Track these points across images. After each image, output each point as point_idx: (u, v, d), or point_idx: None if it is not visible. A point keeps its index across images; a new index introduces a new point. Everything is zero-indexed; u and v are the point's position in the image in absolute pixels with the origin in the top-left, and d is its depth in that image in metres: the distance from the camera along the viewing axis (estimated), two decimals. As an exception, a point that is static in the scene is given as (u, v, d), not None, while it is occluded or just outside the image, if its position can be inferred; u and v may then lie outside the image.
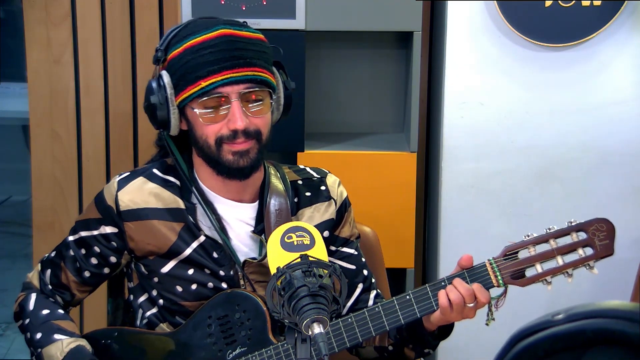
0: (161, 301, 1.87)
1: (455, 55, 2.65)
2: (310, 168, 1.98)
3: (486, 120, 2.68)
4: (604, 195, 2.72)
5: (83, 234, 1.89)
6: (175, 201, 1.85)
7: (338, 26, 2.65)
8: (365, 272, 1.95)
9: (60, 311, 1.89)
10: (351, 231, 1.96)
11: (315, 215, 1.90)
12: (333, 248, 1.93)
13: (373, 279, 1.97)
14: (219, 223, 1.84)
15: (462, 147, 2.69)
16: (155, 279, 1.86)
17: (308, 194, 1.91)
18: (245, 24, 1.81)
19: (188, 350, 1.83)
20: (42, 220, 3.04)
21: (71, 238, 1.91)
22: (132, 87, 2.98)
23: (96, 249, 1.88)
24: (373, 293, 1.95)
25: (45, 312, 1.87)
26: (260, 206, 1.87)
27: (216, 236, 1.84)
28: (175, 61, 1.77)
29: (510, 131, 2.68)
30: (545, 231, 1.72)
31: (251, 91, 1.76)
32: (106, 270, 1.90)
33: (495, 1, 2.57)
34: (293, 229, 1.49)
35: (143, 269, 1.87)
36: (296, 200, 1.90)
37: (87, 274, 1.90)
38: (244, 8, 2.56)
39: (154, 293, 1.88)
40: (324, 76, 2.93)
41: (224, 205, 1.86)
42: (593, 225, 1.71)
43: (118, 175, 1.88)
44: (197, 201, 1.84)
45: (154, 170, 1.88)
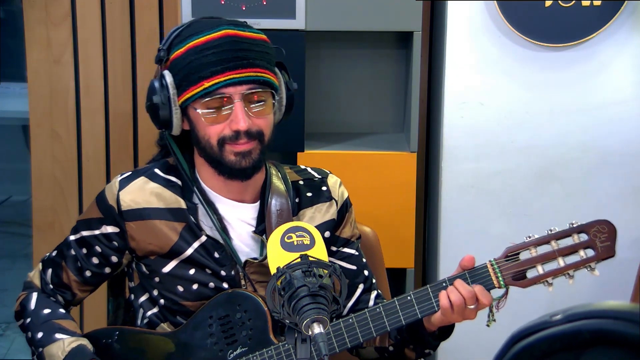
0: (162, 301, 1.87)
1: (455, 55, 2.65)
2: (311, 168, 1.98)
3: (486, 120, 2.67)
4: (604, 195, 2.72)
5: (84, 234, 1.89)
6: (176, 201, 1.85)
7: (338, 26, 2.65)
8: (366, 273, 1.95)
9: (61, 310, 1.89)
10: (352, 232, 1.96)
11: (316, 215, 1.90)
12: (334, 248, 1.93)
13: (374, 280, 1.97)
14: (221, 223, 1.84)
15: (462, 147, 2.69)
16: (156, 279, 1.86)
17: (309, 195, 1.91)
18: (248, 25, 1.81)
19: (189, 350, 1.83)
20: (42, 220, 3.04)
21: (72, 237, 1.91)
22: (132, 87, 2.98)
23: (97, 249, 1.88)
24: (374, 293, 1.95)
25: (46, 312, 1.87)
26: (261, 206, 1.87)
27: (217, 236, 1.84)
28: (178, 61, 1.77)
29: (510, 131, 2.68)
30: (546, 232, 1.72)
31: (254, 92, 1.76)
32: (107, 269, 1.90)
33: (495, 1, 2.57)
34: (293, 229, 1.49)
35: (144, 269, 1.87)
36: (297, 200, 1.90)
37: (88, 274, 1.90)
38: (244, 8, 2.56)
39: (155, 293, 1.88)
40: (324, 76, 2.93)
41: (226, 205, 1.86)
42: (594, 226, 1.70)
43: (120, 174, 1.88)
44: (199, 201, 1.84)
45: (156, 170, 1.88)
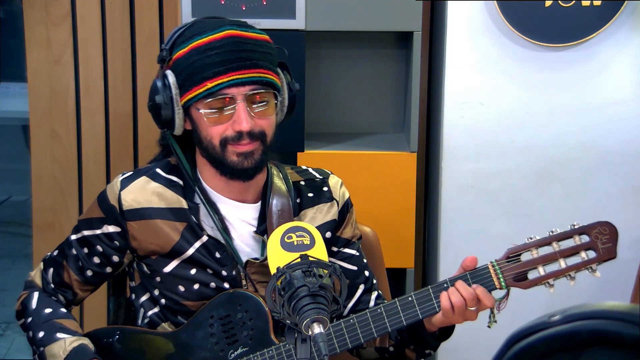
0: (163, 301, 1.87)
1: (455, 55, 2.65)
2: (312, 169, 1.97)
3: (486, 120, 2.67)
4: (604, 195, 2.72)
5: (86, 233, 1.89)
6: (178, 201, 1.85)
7: (338, 26, 2.65)
8: (366, 273, 1.95)
9: (62, 310, 1.89)
10: (353, 232, 1.96)
11: (317, 216, 1.90)
12: (335, 249, 1.93)
13: (374, 280, 1.97)
14: (222, 223, 1.84)
15: (462, 147, 2.69)
16: (157, 279, 1.86)
17: (310, 195, 1.91)
18: (251, 25, 1.81)
19: (190, 349, 1.83)
20: (42, 220, 3.04)
21: (74, 237, 1.91)
22: (132, 87, 2.98)
23: (99, 248, 1.88)
24: (374, 294, 1.95)
25: (47, 311, 1.87)
26: (262, 207, 1.86)
27: (219, 236, 1.83)
28: (180, 61, 1.76)
29: (510, 131, 2.68)
30: (547, 234, 1.72)
31: (256, 92, 1.76)
32: (108, 269, 1.90)
33: (495, 1, 2.57)
34: (293, 229, 1.49)
35: (145, 269, 1.87)
36: (298, 201, 1.90)
37: (90, 273, 1.90)
38: (244, 8, 2.56)
39: (156, 292, 1.88)
40: (324, 76, 2.93)
41: (227, 205, 1.86)
42: (596, 228, 1.70)
43: (121, 174, 1.88)
44: (200, 201, 1.84)
45: (157, 169, 1.88)
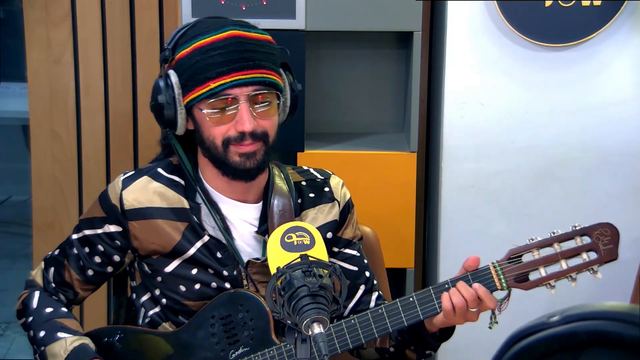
0: (164, 300, 1.87)
1: (455, 55, 2.65)
2: (313, 169, 1.97)
3: (486, 120, 2.67)
4: (604, 195, 2.72)
5: (87, 233, 1.88)
6: (179, 201, 1.85)
7: (338, 26, 2.65)
8: (367, 274, 1.95)
9: (63, 309, 1.89)
10: (354, 233, 1.96)
11: (318, 216, 1.90)
12: (336, 249, 1.93)
13: (375, 281, 1.97)
14: (223, 223, 1.84)
15: (462, 147, 2.69)
16: (158, 278, 1.86)
17: (312, 195, 1.91)
18: (253, 25, 1.81)
19: (190, 349, 1.83)
20: (42, 220, 3.04)
21: (75, 236, 1.91)
22: (132, 87, 2.98)
23: (100, 248, 1.88)
24: (375, 295, 1.95)
25: (48, 310, 1.87)
26: (264, 207, 1.87)
27: (220, 236, 1.83)
28: (183, 61, 1.76)
29: (510, 131, 2.68)
30: (549, 235, 1.72)
31: (259, 93, 1.76)
32: (109, 269, 1.90)
33: (495, 1, 2.57)
34: (293, 229, 1.49)
35: (146, 268, 1.87)
36: (300, 201, 1.90)
37: (91, 273, 1.90)
38: (244, 8, 2.56)
39: (157, 292, 1.88)
40: (324, 76, 2.93)
41: (228, 205, 1.86)
42: (597, 229, 1.70)
43: (123, 174, 1.88)
44: (202, 201, 1.84)
45: (159, 169, 1.88)
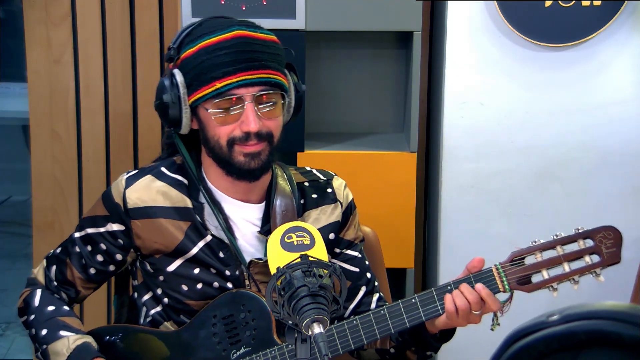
0: (166, 300, 1.87)
1: (455, 55, 2.65)
2: (316, 170, 1.97)
3: (486, 120, 2.67)
4: (604, 195, 2.72)
5: (89, 231, 1.88)
6: (182, 200, 1.85)
7: (338, 26, 2.65)
8: (368, 275, 1.95)
9: (65, 308, 1.89)
10: (356, 234, 1.96)
11: (321, 217, 1.90)
12: (337, 250, 1.93)
13: (376, 282, 1.97)
14: (226, 223, 1.84)
15: (462, 147, 2.69)
16: (160, 278, 1.86)
17: (314, 196, 1.91)
18: (259, 25, 1.81)
19: (192, 349, 1.83)
20: (42, 220, 3.04)
21: (77, 234, 1.90)
22: (132, 87, 2.98)
23: (102, 246, 1.87)
24: (376, 296, 1.95)
25: (50, 309, 1.87)
26: (266, 207, 1.86)
27: (223, 236, 1.83)
28: (189, 60, 1.76)
29: (510, 131, 2.68)
30: (552, 237, 1.72)
31: (264, 93, 1.76)
32: (111, 267, 1.90)
33: (495, 1, 2.57)
34: (293, 229, 1.49)
35: (149, 267, 1.87)
36: (302, 202, 1.90)
37: (93, 271, 1.90)
38: (244, 8, 2.56)
39: (159, 291, 1.88)
40: (324, 76, 2.93)
41: (231, 205, 1.86)
42: (600, 232, 1.70)
43: (126, 172, 1.88)
44: (205, 200, 1.84)
45: (162, 168, 1.88)
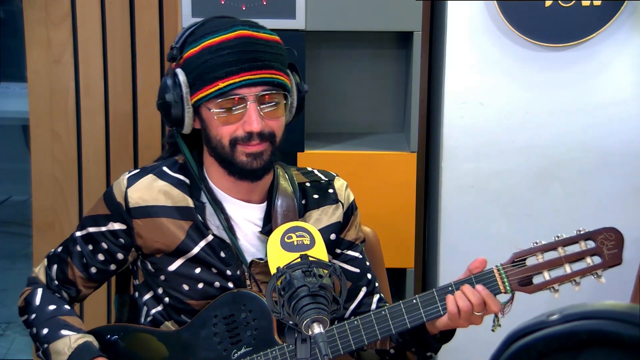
0: (167, 299, 1.87)
1: (455, 55, 2.65)
2: (318, 171, 1.97)
3: (486, 120, 2.67)
4: (604, 195, 2.72)
5: (91, 230, 1.88)
6: (184, 199, 1.85)
7: (338, 26, 2.65)
8: (369, 276, 1.95)
9: (66, 307, 1.89)
10: (356, 234, 1.96)
11: (322, 217, 1.90)
12: (338, 251, 1.93)
13: (377, 283, 1.97)
14: (227, 223, 1.84)
15: (462, 147, 2.69)
16: (161, 277, 1.86)
17: (316, 197, 1.91)
18: (262, 26, 1.81)
19: (193, 348, 1.83)
20: (42, 220, 3.04)
21: (79, 233, 1.90)
22: (132, 87, 2.98)
23: (103, 245, 1.87)
24: (376, 297, 1.95)
25: (52, 308, 1.87)
26: (268, 207, 1.86)
27: (224, 236, 1.83)
28: (191, 60, 1.76)
29: (510, 131, 2.68)
30: (553, 239, 1.71)
31: (267, 93, 1.76)
32: (112, 266, 1.90)
33: (495, 1, 2.57)
34: (293, 229, 1.49)
35: (150, 267, 1.87)
36: (304, 202, 1.90)
37: (94, 270, 1.90)
38: (244, 8, 2.56)
39: (160, 291, 1.88)
40: (324, 76, 2.93)
41: (233, 205, 1.86)
42: (602, 234, 1.70)
43: (128, 172, 1.88)
44: (207, 200, 1.84)
45: (164, 168, 1.88)
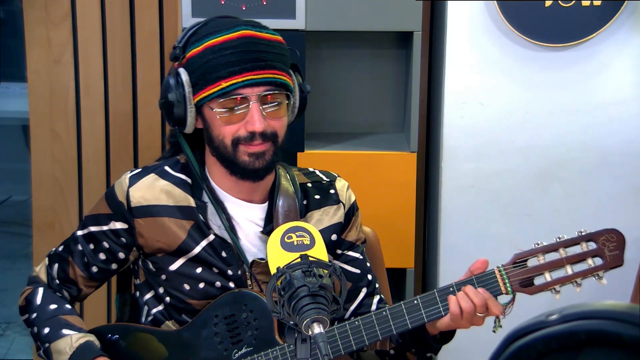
0: (168, 299, 1.87)
1: (455, 55, 2.65)
2: (319, 171, 1.98)
3: (486, 120, 2.67)
4: (604, 195, 2.72)
5: (92, 229, 1.88)
6: (186, 199, 1.85)
7: (338, 26, 2.65)
8: (369, 277, 1.95)
9: (67, 306, 1.89)
10: (357, 235, 1.96)
11: (324, 218, 1.90)
12: (339, 251, 1.93)
13: (377, 284, 1.97)
14: (229, 222, 1.84)
15: (462, 147, 2.69)
16: (162, 277, 1.86)
17: (317, 197, 1.91)
18: (264, 26, 1.81)
19: (194, 348, 1.83)
20: (42, 220, 3.04)
21: (80, 233, 1.90)
22: (132, 87, 2.98)
23: (105, 245, 1.87)
24: (376, 298, 1.95)
25: (53, 307, 1.87)
26: (269, 207, 1.87)
27: (225, 235, 1.83)
28: (194, 60, 1.76)
29: (510, 131, 2.68)
30: (555, 240, 1.71)
31: (270, 93, 1.76)
32: (114, 266, 1.90)
33: (495, 1, 2.57)
34: (293, 229, 1.49)
35: (151, 266, 1.87)
36: (305, 202, 1.90)
37: (95, 269, 1.90)
38: (244, 8, 2.56)
39: (161, 290, 1.88)
40: (324, 76, 2.93)
41: (234, 204, 1.86)
42: (603, 235, 1.69)
43: (129, 171, 1.88)
44: (208, 200, 1.84)
45: (166, 167, 1.88)
